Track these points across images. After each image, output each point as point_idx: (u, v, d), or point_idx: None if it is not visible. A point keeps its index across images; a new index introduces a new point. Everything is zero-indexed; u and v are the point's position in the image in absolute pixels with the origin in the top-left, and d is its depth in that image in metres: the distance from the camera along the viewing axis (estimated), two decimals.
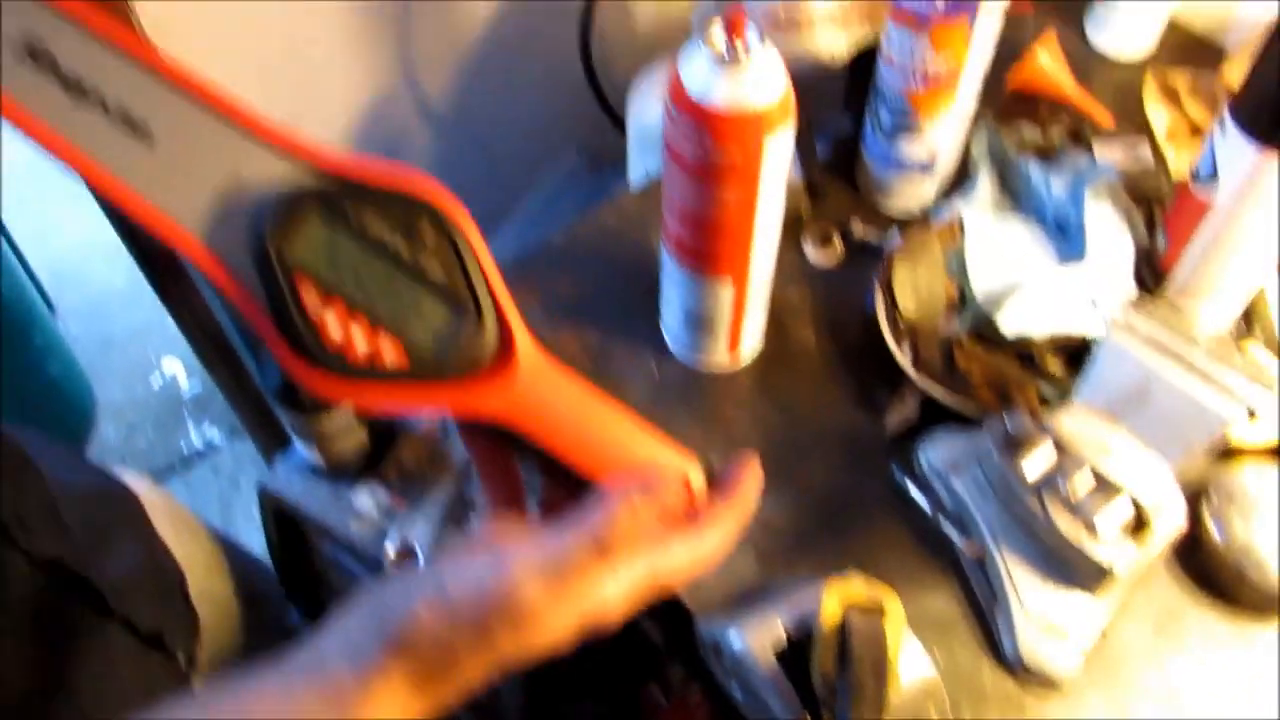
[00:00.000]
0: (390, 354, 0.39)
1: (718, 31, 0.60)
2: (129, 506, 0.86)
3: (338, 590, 1.02)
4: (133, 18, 1.05)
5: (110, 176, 0.38)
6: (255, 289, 0.38)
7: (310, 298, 0.38)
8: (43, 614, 0.65)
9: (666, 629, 0.92)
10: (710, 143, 0.62)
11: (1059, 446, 0.61)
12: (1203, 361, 0.59)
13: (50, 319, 1.90)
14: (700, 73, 0.61)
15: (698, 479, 0.46)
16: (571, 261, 0.87)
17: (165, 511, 0.95)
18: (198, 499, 1.83)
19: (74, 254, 2.16)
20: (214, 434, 1.94)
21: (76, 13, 0.38)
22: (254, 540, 1.11)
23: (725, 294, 0.73)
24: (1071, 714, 0.63)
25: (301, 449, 0.90)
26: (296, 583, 1.05)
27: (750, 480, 0.47)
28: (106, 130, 0.38)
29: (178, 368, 2.04)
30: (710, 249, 0.69)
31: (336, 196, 0.39)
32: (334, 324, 0.38)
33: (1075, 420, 0.62)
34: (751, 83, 0.60)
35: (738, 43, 0.59)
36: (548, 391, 0.43)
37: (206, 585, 0.97)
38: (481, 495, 0.88)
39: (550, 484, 0.46)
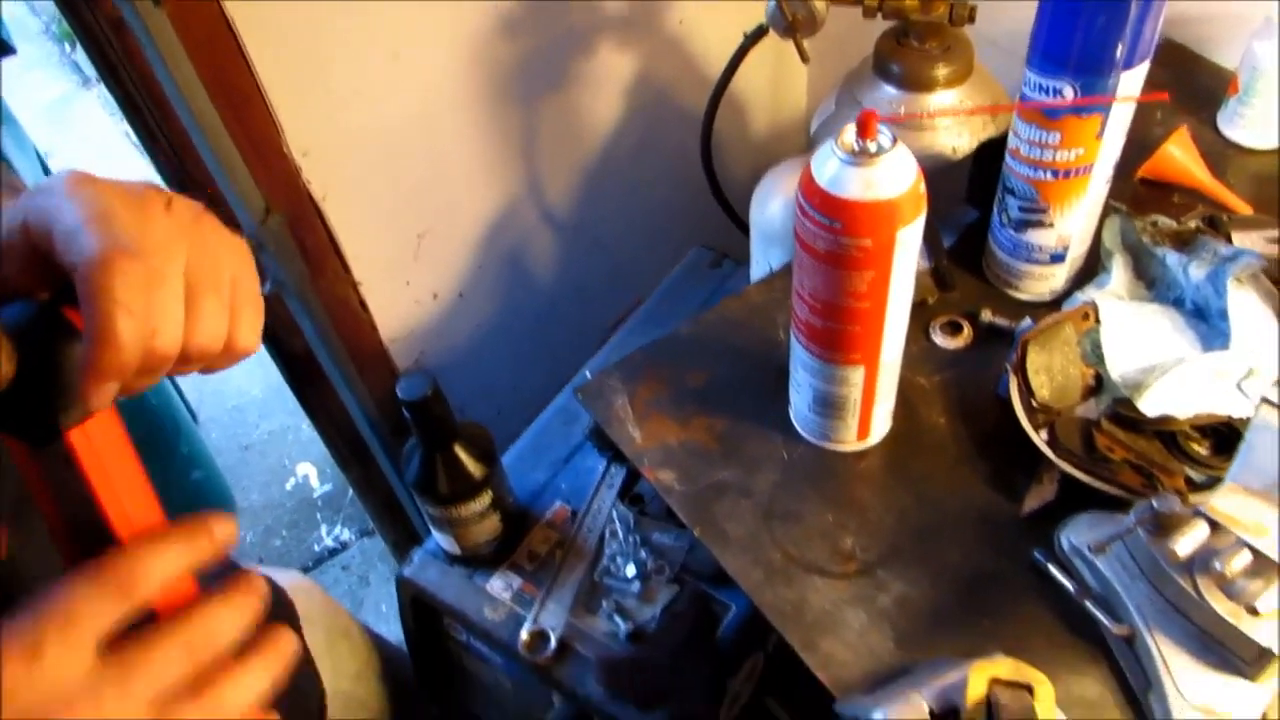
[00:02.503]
0: None
1: (850, 131, 0.62)
2: (283, 614, 0.87)
3: (471, 675, 1.04)
4: (284, 140, 1.14)
5: None
6: None
7: None
8: None
9: (797, 713, 0.91)
10: (843, 233, 0.64)
11: (1212, 525, 0.60)
12: None
13: (194, 429, 2.00)
14: (833, 167, 0.63)
15: None
16: (700, 351, 0.89)
17: (321, 617, 0.96)
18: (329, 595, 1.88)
19: None
20: (344, 533, 2.00)
21: None
22: (384, 632, 1.14)
23: (856, 378, 0.74)
24: None
25: (438, 538, 0.94)
26: (430, 669, 1.08)
27: None
28: None
29: (310, 471, 2.12)
30: (841, 336, 0.71)
31: None
32: None
33: (1228, 500, 0.60)
34: (883, 175, 0.62)
35: (870, 143, 0.62)
36: None
37: (353, 690, 0.99)
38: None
39: None
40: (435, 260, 1.42)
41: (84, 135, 3.01)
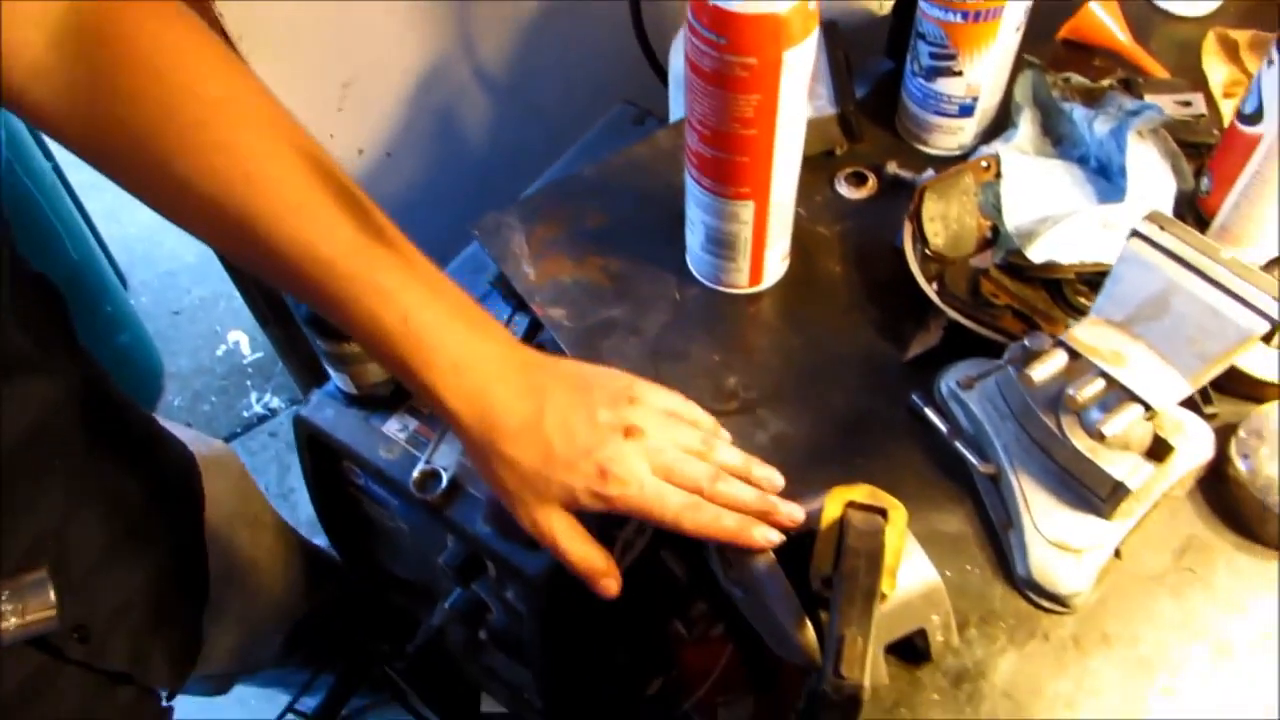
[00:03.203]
0: None
1: None
2: (185, 491, 0.85)
3: (373, 522, 1.04)
4: None
5: None
6: None
7: None
8: None
9: (690, 565, 0.91)
10: (729, 49, 0.62)
11: (1073, 356, 0.60)
12: (1224, 274, 0.57)
13: (120, 290, 1.96)
14: None
15: None
16: (601, 192, 0.87)
17: (229, 500, 0.94)
18: (257, 460, 1.87)
19: (146, 231, 2.23)
20: (274, 400, 1.98)
21: None
22: (307, 499, 1.13)
23: (746, 215, 0.72)
24: (1082, 633, 0.61)
25: (334, 377, 0.92)
26: (334, 518, 1.07)
27: None
28: None
29: (241, 338, 2.10)
30: (730, 167, 0.70)
31: None
32: None
33: (1089, 331, 0.60)
34: None
35: None
36: None
37: (254, 580, 0.98)
38: None
39: None
40: (362, 113, 1.38)
41: None
